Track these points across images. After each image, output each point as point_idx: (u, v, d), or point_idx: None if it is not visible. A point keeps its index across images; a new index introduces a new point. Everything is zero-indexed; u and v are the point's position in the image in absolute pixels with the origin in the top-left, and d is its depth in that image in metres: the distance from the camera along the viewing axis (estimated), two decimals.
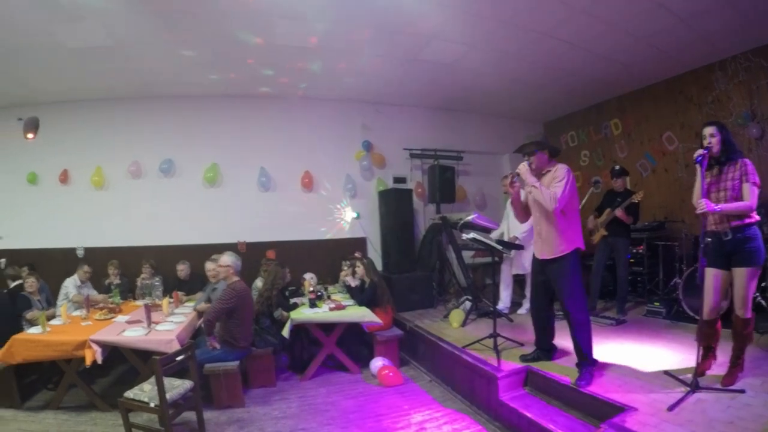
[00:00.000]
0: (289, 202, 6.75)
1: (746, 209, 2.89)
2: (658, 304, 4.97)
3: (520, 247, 4.84)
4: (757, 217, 2.95)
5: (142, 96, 6.30)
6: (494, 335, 4.12)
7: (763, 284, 4.23)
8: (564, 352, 3.90)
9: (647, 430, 2.56)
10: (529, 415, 3.27)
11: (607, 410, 2.97)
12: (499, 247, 4.32)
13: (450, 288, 6.93)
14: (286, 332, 4.52)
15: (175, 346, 3.71)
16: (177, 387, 3.32)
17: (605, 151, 7.43)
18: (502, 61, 5.63)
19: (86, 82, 5.73)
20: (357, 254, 5.95)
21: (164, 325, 4.21)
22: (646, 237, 5.81)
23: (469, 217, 5.43)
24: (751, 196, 2.88)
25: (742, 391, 2.88)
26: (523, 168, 3.47)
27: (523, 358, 3.88)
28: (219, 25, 4.51)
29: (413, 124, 7.50)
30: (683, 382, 3.07)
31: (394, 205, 6.68)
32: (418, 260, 6.90)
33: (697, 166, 2.99)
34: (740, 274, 2.93)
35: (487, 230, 5.51)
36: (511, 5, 4.31)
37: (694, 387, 2.92)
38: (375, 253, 7.10)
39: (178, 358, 3.33)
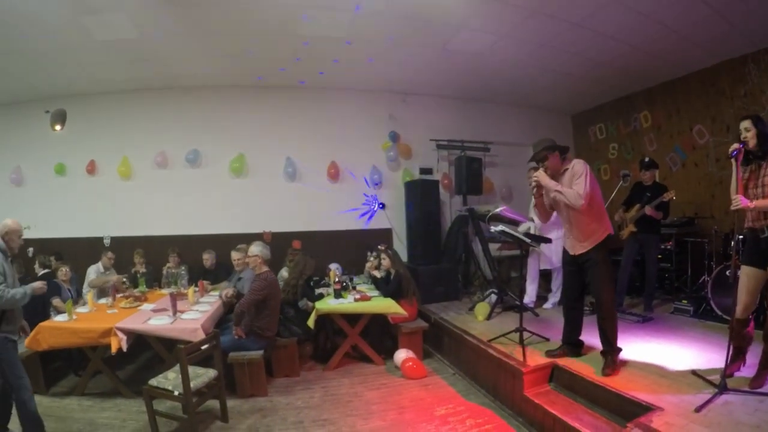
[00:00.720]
0: (315, 192, 6.83)
1: None
2: (686, 302, 4.91)
3: (548, 241, 4.83)
4: None
5: (168, 87, 6.41)
6: (520, 329, 4.13)
7: None
8: (590, 348, 3.91)
9: (674, 431, 2.56)
10: (554, 412, 3.28)
11: (634, 409, 2.97)
12: (528, 241, 4.31)
13: (475, 281, 6.94)
14: (311, 322, 4.59)
15: (200, 335, 3.79)
16: (201, 375, 3.42)
17: (634, 144, 7.32)
18: (532, 52, 5.58)
19: (113, 74, 5.86)
20: (382, 246, 5.99)
21: (189, 314, 4.29)
22: (675, 233, 5.73)
23: (497, 210, 5.42)
24: None
25: None
26: (542, 175, 3.53)
27: (549, 353, 3.89)
28: (245, 14, 4.55)
29: (440, 115, 7.49)
30: (711, 383, 3.06)
31: (421, 196, 6.68)
32: (444, 252, 6.91)
33: (733, 161, 2.95)
34: None
35: (515, 223, 5.49)
36: None
37: (722, 388, 2.90)
38: (400, 244, 7.17)
39: (203, 347, 3.43)
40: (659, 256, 5.51)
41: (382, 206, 7.08)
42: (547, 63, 5.94)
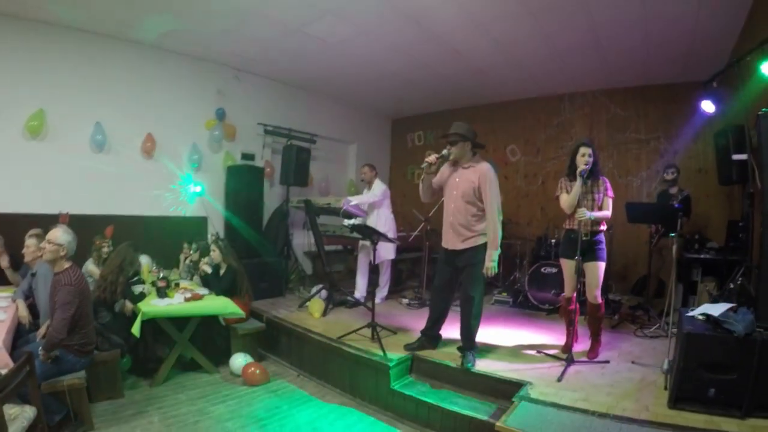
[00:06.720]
0: (125, 169, 5.64)
1: (607, 218, 3.74)
2: (505, 294, 5.88)
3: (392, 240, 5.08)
4: (606, 226, 3.81)
5: None
6: (373, 325, 4.24)
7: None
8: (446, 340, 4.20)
9: (551, 398, 3.07)
10: (428, 400, 3.49)
11: (504, 387, 3.39)
12: (390, 236, 4.45)
13: (292, 275, 6.89)
14: (137, 329, 3.81)
15: (3, 359, 2.78)
16: (16, 418, 2.44)
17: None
18: (387, 53, 5.81)
19: None
20: (212, 235, 5.32)
21: None
22: None
23: (345, 205, 5.44)
24: (610, 208, 3.74)
25: (607, 362, 3.70)
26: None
27: (408, 346, 4.06)
28: None
29: (271, 99, 7.15)
30: (558, 358, 3.76)
31: (245, 183, 6.29)
32: (263, 245, 6.59)
33: (580, 179, 3.64)
34: (593, 267, 3.72)
35: (351, 217, 5.62)
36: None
37: (570, 361, 3.59)
38: (211, 235, 6.46)
39: (16, 380, 2.36)
40: None
41: (200, 191, 6.27)
42: (395, 67, 6.32)
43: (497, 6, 4.50)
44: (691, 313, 3.11)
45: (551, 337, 4.44)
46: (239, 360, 4.36)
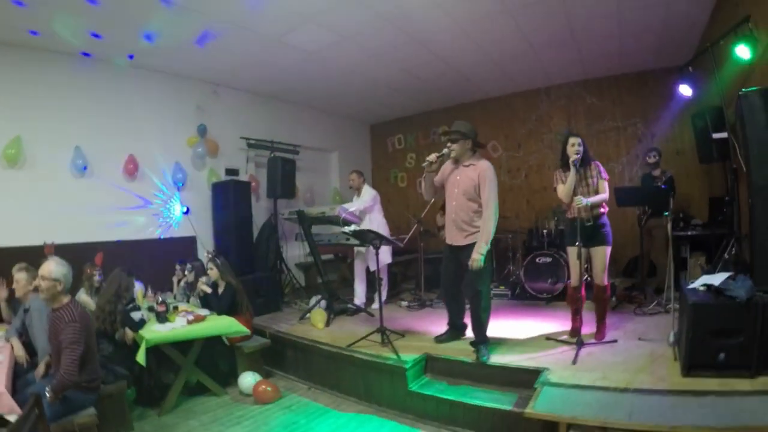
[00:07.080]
0: (109, 193, 5.57)
1: (605, 200, 3.89)
2: (503, 287, 6.04)
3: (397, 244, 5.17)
4: (607, 208, 3.96)
5: None
6: (382, 330, 4.31)
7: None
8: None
9: (570, 380, 3.20)
10: (448, 397, 3.57)
11: (522, 376, 3.50)
12: (393, 239, 4.54)
13: (285, 288, 6.94)
14: (142, 358, 3.74)
15: (8, 403, 2.66)
16: None
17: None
18: (367, 59, 5.94)
19: None
20: (209, 253, 5.28)
21: None
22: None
23: (335, 212, 5.49)
24: (606, 189, 3.91)
25: (615, 341, 3.87)
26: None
27: (438, 338, 4.27)
28: None
29: (251, 112, 7.21)
30: (567, 342, 3.91)
31: (232, 199, 6.29)
32: (254, 260, 6.64)
33: (573, 168, 3.82)
34: (599, 251, 3.91)
35: (348, 224, 5.69)
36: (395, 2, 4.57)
37: (580, 344, 3.72)
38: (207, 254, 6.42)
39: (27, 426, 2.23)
40: None
41: (187, 211, 6.23)
42: (375, 72, 6.45)
43: (476, 6, 4.65)
44: (692, 286, 3.30)
45: (556, 323, 4.60)
46: (248, 379, 4.32)
